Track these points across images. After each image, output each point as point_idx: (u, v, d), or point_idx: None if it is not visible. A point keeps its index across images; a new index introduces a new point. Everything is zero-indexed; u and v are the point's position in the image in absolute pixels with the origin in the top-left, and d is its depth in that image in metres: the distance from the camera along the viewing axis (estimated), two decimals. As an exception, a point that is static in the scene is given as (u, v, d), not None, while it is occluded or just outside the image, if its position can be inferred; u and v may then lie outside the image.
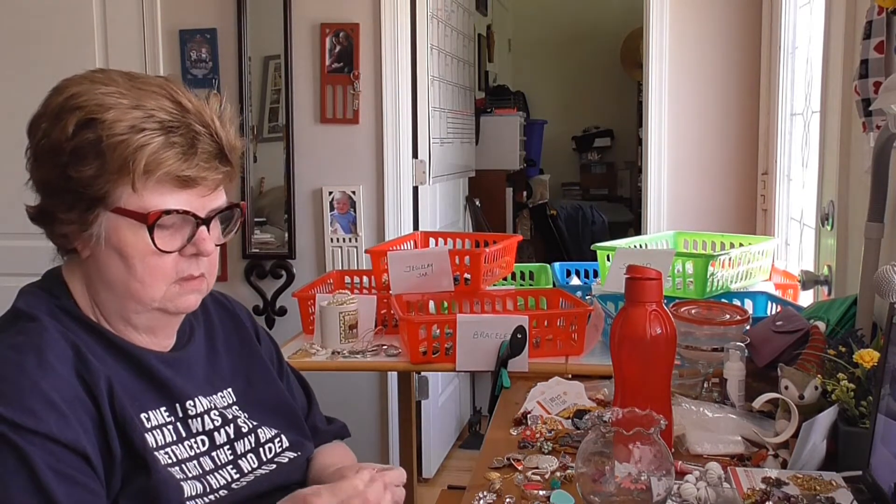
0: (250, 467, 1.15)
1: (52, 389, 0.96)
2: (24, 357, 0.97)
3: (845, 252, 1.99)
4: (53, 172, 1.02)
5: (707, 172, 3.08)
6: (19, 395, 0.94)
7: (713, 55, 3.03)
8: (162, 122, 1.02)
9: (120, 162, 0.99)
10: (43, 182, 1.05)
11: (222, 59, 3.24)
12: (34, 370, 0.96)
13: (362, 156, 3.22)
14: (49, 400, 0.95)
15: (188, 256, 1.06)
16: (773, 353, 1.60)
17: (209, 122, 1.05)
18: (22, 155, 1.11)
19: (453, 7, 3.95)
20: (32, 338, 1.00)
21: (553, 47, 6.88)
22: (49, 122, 1.02)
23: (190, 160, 1.03)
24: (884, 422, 1.18)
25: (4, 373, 0.96)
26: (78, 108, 1.00)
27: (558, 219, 5.83)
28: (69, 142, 1.00)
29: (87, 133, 1.00)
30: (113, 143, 0.99)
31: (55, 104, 1.03)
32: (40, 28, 3.28)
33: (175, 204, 1.03)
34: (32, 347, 0.98)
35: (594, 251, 2.32)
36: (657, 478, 1.11)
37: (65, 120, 1.00)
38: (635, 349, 1.29)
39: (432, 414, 3.49)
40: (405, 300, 2.14)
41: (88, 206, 1.01)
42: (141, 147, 1.00)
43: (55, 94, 1.04)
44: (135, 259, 1.03)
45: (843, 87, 1.96)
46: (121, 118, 1.00)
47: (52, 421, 0.94)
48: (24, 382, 0.95)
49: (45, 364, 0.97)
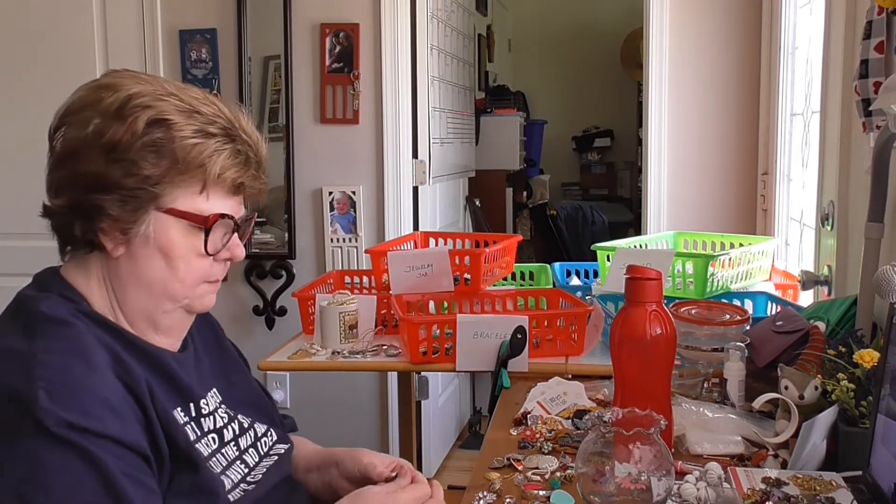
0: (254, 462, 1.17)
1: (106, 392, 0.95)
2: (72, 362, 0.95)
3: (845, 252, 1.99)
4: (113, 168, 1.00)
5: (707, 172, 3.08)
6: (78, 398, 0.92)
7: (713, 55, 3.03)
8: (224, 129, 1.05)
9: (194, 165, 1.02)
10: (92, 176, 1.00)
11: (222, 60, 3.24)
12: (85, 374, 0.95)
13: (362, 156, 3.22)
14: (106, 402, 0.94)
15: (221, 261, 1.10)
16: (773, 353, 1.60)
17: (250, 134, 1.09)
18: (22, 155, 1.10)
19: (453, 7, 3.95)
20: (73, 343, 0.98)
21: (553, 47, 6.88)
22: (104, 120, 1.00)
23: (247, 170, 1.08)
24: (884, 422, 1.18)
25: (58, 378, 0.93)
26: (144, 107, 1.01)
27: (558, 219, 5.82)
28: (138, 138, 1.00)
29: (157, 132, 1.01)
30: (187, 146, 1.01)
31: (111, 101, 1.01)
32: (40, 28, 3.28)
33: (225, 209, 1.06)
34: (76, 352, 0.97)
35: (594, 251, 2.32)
36: (657, 478, 1.11)
37: (131, 117, 1.00)
38: (635, 349, 1.29)
39: (432, 414, 3.49)
40: (405, 300, 2.14)
41: (141, 204, 1.01)
42: (216, 152, 1.03)
43: (106, 90, 1.02)
44: (180, 260, 1.04)
45: (843, 87, 1.96)
46: (189, 122, 1.02)
47: (114, 423, 0.93)
48: (79, 386, 0.93)
49: (94, 367, 0.96)
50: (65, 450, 0.90)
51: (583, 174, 7.05)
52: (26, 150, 3.30)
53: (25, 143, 3.30)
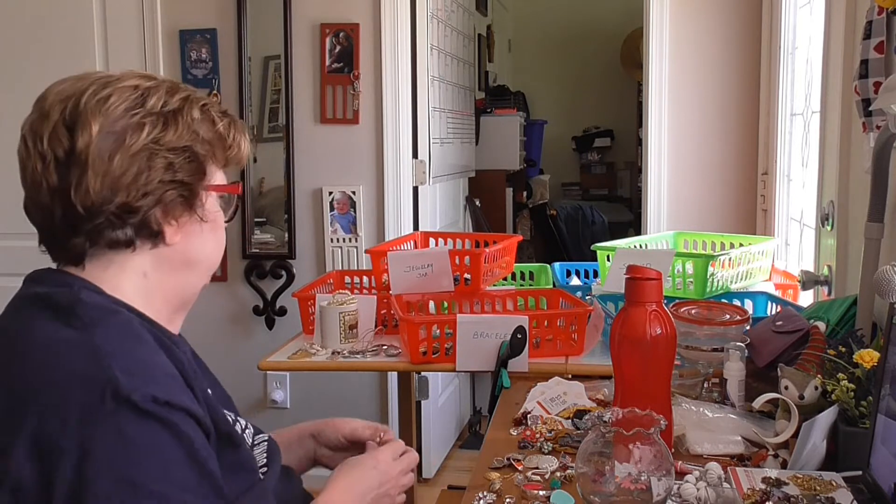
0: (250, 442, 1.18)
1: (170, 368, 0.96)
2: (133, 343, 0.96)
3: (845, 252, 1.99)
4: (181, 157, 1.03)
5: (707, 172, 3.08)
6: (151, 375, 0.93)
7: (713, 55, 3.03)
8: (225, 111, 1.13)
9: (229, 140, 1.09)
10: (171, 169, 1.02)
11: (222, 60, 3.24)
12: (148, 353, 0.96)
13: (362, 156, 3.22)
14: (174, 377, 0.96)
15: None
16: (773, 353, 1.60)
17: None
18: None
19: (453, 7, 3.95)
20: (125, 327, 0.97)
21: (553, 47, 6.88)
22: (194, 111, 1.06)
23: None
24: (884, 422, 1.19)
25: (126, 358, 0.92)
26: (188, 98, 1.06)
27: (558, 219, 5.82)
28: (220, 122, 1.08)
29: (199, 114, 1.07)
30: (227, 122, 1.09)
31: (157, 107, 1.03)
32: (40, 28, 3.28)
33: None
34: (132, 334, 0.97)
35: (594, 251, 2.32)
36: (657, 478, 1.11)
37: (206, 109, 1.07)
38: (635, 349, 1.29)
39: (432, 414, 3.49)
40: (405, 300, 2.14)
41: (198, 188, 1.06)
42: (241, 130, 1.12)
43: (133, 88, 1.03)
44: (220, 230, 1.12)
45: (843, 87, 1.96)
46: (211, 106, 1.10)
47: (184, 397, 0.94)
48: (148, 364, 0.94)
49: (153, 347, 0.97)
50: (151, 424, 0.89)
51: (583, 174, 7.04)
52: (26, 150, 3.31)
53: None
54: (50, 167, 0.99)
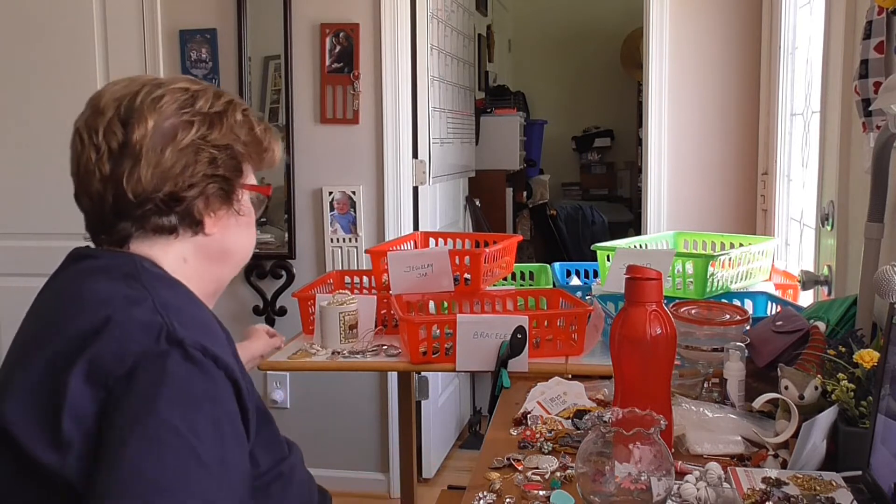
0: None
1: (219, 332, 1.05)
2: (191, 306, 1.06)
3: (845, 252, 1.99)
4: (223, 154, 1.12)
5: (707, 172, 3.08)
6: (206, 330, 1.02)
7: (713, 55, 3.03)
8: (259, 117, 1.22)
9: (265, 144, 1.18)
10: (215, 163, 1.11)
11: (222, 60, 3.24)
12: (209, 317, 1.07)
13: (362, 156, 3.22)
14: (224, 341, 1.04)
15: None
16: (773, 353, 1.60)
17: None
18: (23, 155, 1.11)
19: (453, 7, 3.95)
20: (188, 293, 1.09)
21: (553, 47, 6.88)
22: (237, 115, 1.14)
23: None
24: (884, 422, 1.19)
25: (184, 314, 1.01)
26: (231, 101, 1.15)
27: (558, 219, 5.82)
28: (258, 127, 1.16)
29: (242, 117, 1.15)
30: (263, 127, 1.18)
31: (205, 107, 1.11)
32: (40, 28, 3.28)
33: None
34: (194, 301, 1.09)
35: (594, 251, 2.32)
36: (657, 478, 1.11)
37: (230, 110, 1.13)
38: (635, 349, 1.29)
39: (432, 414, 3.49)
40: (405, 300, 2.14)
41: (236, 183, 1.14)
42: (275, 136, 1.21)
43: (219, 95, 1.15)
44: (252, 226, 1.20)
45: (843, 87, 1.96)
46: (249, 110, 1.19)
47: (231, 361, 1.01)
48: (202, 322, 1.03)
49: (204, 311, 1.08)
50: (192, 367, 0.96)
51: (583, 174, 7.04)
52: (27, 149, 3.31)
53: (26, 143, 3.30)
54: (104, 158, 1.08)
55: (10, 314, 3.42)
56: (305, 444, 1.43)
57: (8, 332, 3.26)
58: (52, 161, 3.37)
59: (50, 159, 3.26)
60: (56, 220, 3.25)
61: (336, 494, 1.31)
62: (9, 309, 3.25)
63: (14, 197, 3.30)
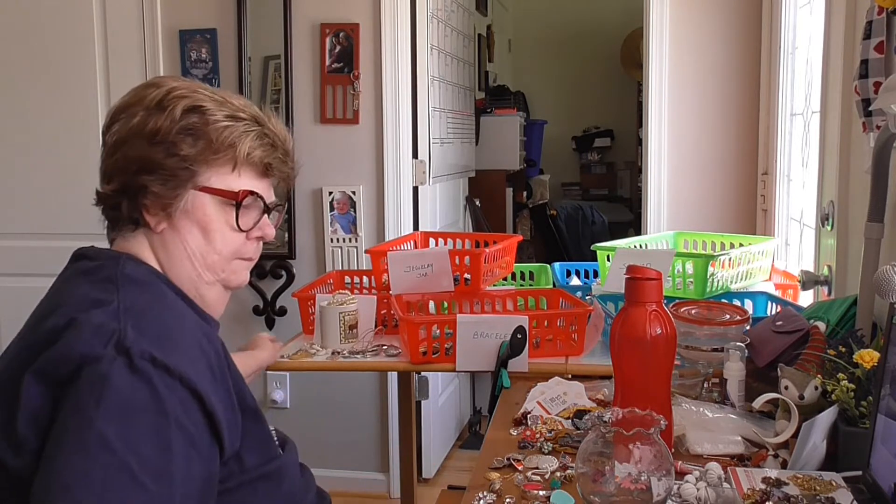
0: None
1: (189, 338, 1.02)
2: (159, 308, 1.05)
3: (845, 252, 1.99)
4: (154, 151, 1.10)
5: (707, 172, 3.08)
6: (163, 337, 0.99)
7: (713, 55, 3.03)
8: (251, 116, 1.17)
9: (225, 144, 1.13)
10: (138, 160, 1.11)
11: (222, 59, 3.24)
12: (171, 318, 1.04)
13: (362, 156, 3.22)
14: (188, 347, 1.01)
15: (253, 239, 1.21)
16: (773, 353, 1.60)
17: (278, 127, 1.21)
18: (22, 155, 1.12)
19: (453, 7, 3.95)
20: (158, 296, 1.08)
21: (553, 47, 6.88)
22: (147, 112, 1.12)
23: (273, 151, 1.19)
24: (884, 422, 1.18)
25: (146, 317, 1.00)
26: (182, 97, 1.12)
27: (558, 219, 5.82)
28: (176, 124, 1.11)
29: (192, 117, 1.12)
30: (218, 128, 1.13)
31: (154, 95, 1.12)
32: (40, 28, 3.28)
33: (255, 189, 1.18)
34: (162, 302, 1.07)
35: (594, 251, 2.31)
36: (657, 478, 1.11)
37: (170, 107, 1.11)
38: (635, 349, 1.29)
39: (432, 414, 3.49)
40: (405, 300, 2.14)
41: (180, 182, 1.11)
42: (245, 133, 1.15)
43: (150, 87, 1.14)
44: (216, 233, 1.15)
45: (843, 87, 1.96)
46: (221, 109, 1.14)
47: (189, 368, 0.98)
48: (165, 327, 1.01)
49: (180, 315, 1.07)
50: (137, 380, 0.94)
51: (583, 174, 7.04)
52: (27, 149, 3.31)
53: (26, 143, 3.30)
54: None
55: (10, 314, 3.43)
56: (305, 444, 1.44)
57: (8, 331, 3.27)
58: (52, 161, 3.39)
59: (50, 159, 3.26)
60: (56, 220, 3.25)
61: (336, 494, 1.31)
62: (9, 309, 3.27)
63: (14, 197, 3.30)
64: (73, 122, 3.23)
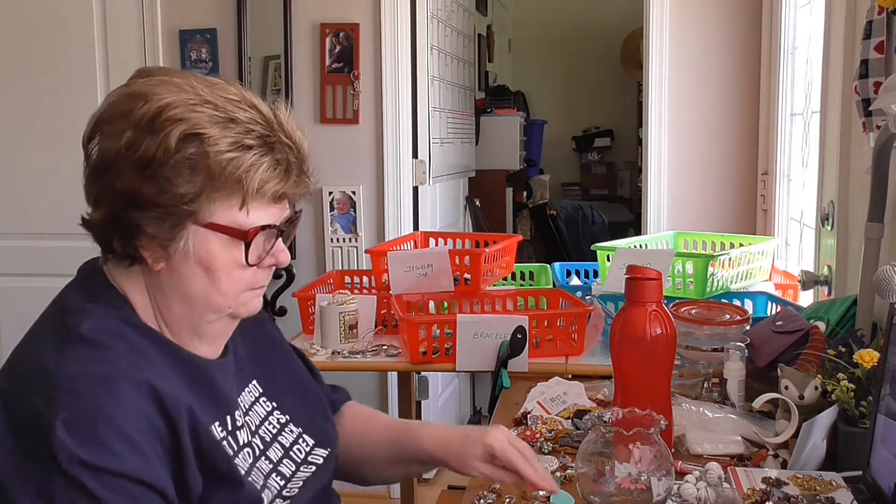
0: (290, 472, 1.14)
1: (130, 425, 0.91)
2: (99, 391, 0.92)
3: (845, 252, 1.99)
4: (146, 186, 0.96)
5: (707, 172, 3.08)
6: (98, 432, 0.89)
7: (713, 55, 3.03)
8: (262, 137, 1.00)
9: (232, 180, 0.97)
10: (129, 193, 0.96)
11: (222, 59, 3.24)
12: (110, 404, 0.91)
13: (362, 156, 3.22)
14: (128, 437, 0.90)
15: (266, 267, 1.06)
16: (773, 353, 1.60)
17: (291, 134, 1.04)
18: (23, 155, 1.09)
19: (453, 7, 3.95)
20: (105, 368, 0.94)
21: (553, 47, 6.88)
22: (136, 133, 0.96)
23: (287, 178, 1.03)
24: (884, 422, 1.18)
25: (80, 407, 0.90)
26: (177, 119, 0.95)
27: (558, 219, 5.82)
28: (171, 156, 0.95)
29: (190, 147, 0.96)
30: (222, 161, 0.96)
31: (142, 113, 0.96)
32: (40, 28, 3.28)
33: (267, 220, 1.02)
34: (106, 380, 0.93)
35: (594, 251, 2.31)
36: (657, 478, 1.11)
37: (163, 132, 0.95)
38: (635, 349, 1.29)
39: (432, 414, 3.49)
40: (405, 300, 2.14)
41: (179, 220, 0.97)
42: (253, 166, 0.98)
43: (136, 100, 0.97)
44: (221, 273, 1.01)
45: (843, 87, 1.96)
46: (224, 134, 0.97)
47: (133, 459, 0.90)
48: (101, 417, 0.90)
49: (121, 397, 0.92)
50: (73, 488, 0.87)
51: (583, 174, 7.05)
52: (27, 149, 3.31)
53: (26, 143, 3.30)
54: None
55: (10, 314, 3.43)
56: (305, 444, 1.43)
57: (8, 332, 3.27)
58: (53, 161, 3.39)
59: (50, 159, 3.26)
60: (56, 221, 3.25)
61: (335, 495, 1.30)
62: (9, 309, 3.27)
63: (14, 197, 3.30)
64: (74, 122, 3.20)
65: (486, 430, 1.18)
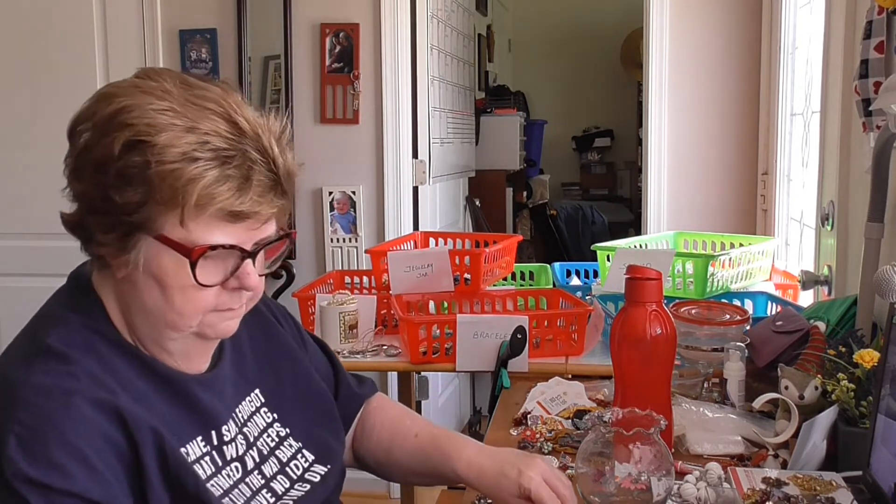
0: (283, 489, 1.10)
1: (85, 444, 0.88)
2: (56, 406, 0.89)
3: (845, 252, 1.99)
4: (94, 191, 0.93)
5: (707, 172, 3.08)
6: (49, 449, 0.86)
7: (713, 55, 3.03)
8: (217, 150, 0.92)
9: (169, 193, 0.90)
10: (83, 197, 0.95)
11: (222, 59, 3.24)
12: (66, 422, 0.88)
13: (362, 156, 3.22)
14: (81, 455, 0.87)
15: (230, 289, 0.99)
16: (773, 353, 1.60)
17: (266, 149, 0.96)
18: (22, 155, 1.09)
19: (453, 7, 3.95)
20: (66, 383, 0.91)
21: (553, 47, 6.88)
22: (93, 134, 0.93)
23: (244, 194, 0.94)
24: (884, 422, 1.18)
25: (35, 423, 0.87)
26: (127, 125, 0.91)
27: (558, 219, 5.83)
28: (114, 162, 0.91)
29: (134, 156, 0.90)
30: (163, 172, 0.90)
31: (103, 114, 0.93)
32: (40, 28, 3.28)
33: (223, 238, 0.94)
34: (65, 395, 0.90)
35: (594, 251, 2.32)
36: (657, 478, 1.11)
37: (111, 136, 0.91)
38: (635, 349, 1.29)
39: (432, 414, 3.48)
40: (405, 300, 2.14)
41: (129, 231, 0.93)
42: (193, 180, 0.90)
43: (103, 101, 0.94)
44: (174, 289, 0.95)
45: (843, 87, 1.96)
46: (173, 143, 0.91)
47: (84, 479, 0.87)
48: (55, 435, 0.87)
49: (78, 414, 0.89)
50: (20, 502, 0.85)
51: (583, 174, 7.05)
52: (27, 149, 3.31)
53: (26, 143, 3.30)
54: None
55: (10, 314, 3.42)
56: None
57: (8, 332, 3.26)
58: (53, 161, 3.36)
59: (50, 159, 3.23)
60: (56, 221, 3.24)
61: (336, 495, 1.30)
62: (9, 309, 3.27)
63: (14, 197, 3.30)
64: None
65: (524, 467, 1.12)
